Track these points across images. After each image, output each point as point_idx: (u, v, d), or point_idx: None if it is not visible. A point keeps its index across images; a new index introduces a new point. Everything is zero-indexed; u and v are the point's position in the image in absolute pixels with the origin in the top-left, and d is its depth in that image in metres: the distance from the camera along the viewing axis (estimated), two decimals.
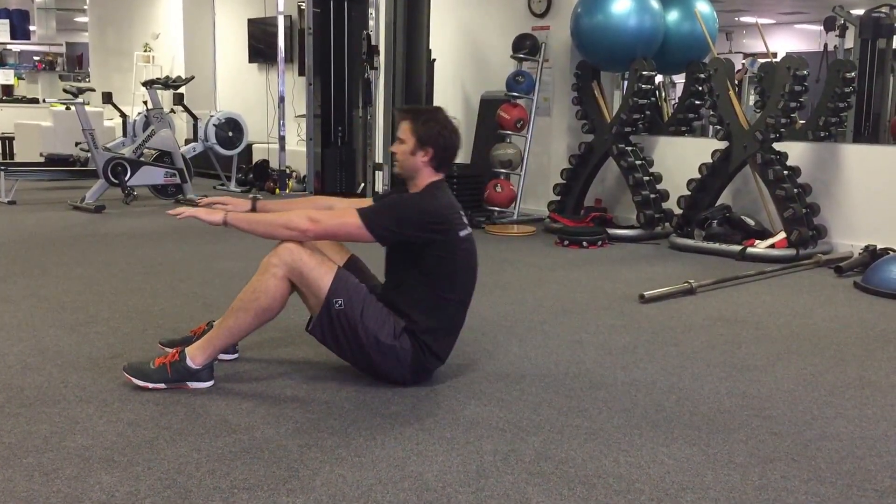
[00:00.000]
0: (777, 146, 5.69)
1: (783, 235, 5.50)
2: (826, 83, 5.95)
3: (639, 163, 6.38)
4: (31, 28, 15.55)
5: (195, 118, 8.76)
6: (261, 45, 9.91)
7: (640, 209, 6.26)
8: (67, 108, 8.82)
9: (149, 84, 8.18)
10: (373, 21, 7.15)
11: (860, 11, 7.20)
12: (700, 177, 5.95)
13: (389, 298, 2.84)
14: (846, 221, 5.69)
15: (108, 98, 9.26)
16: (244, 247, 5.69)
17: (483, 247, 5.86)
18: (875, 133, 7.03)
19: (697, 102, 6.84)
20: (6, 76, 14.69)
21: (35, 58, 16.02)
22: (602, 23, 6.29)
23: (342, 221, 2.72)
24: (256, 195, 3.04)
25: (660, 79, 7.37)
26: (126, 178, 7.47)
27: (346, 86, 7.71)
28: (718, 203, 5.98)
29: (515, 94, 6.89)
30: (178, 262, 5.04)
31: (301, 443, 2.37)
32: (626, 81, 7.00)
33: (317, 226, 2.69)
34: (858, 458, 2.35)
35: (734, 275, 4.82)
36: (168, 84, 8.26)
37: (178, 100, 8.76)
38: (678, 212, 6.09)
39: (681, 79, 7.87)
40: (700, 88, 6.60)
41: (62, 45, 16.19)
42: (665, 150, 6.70)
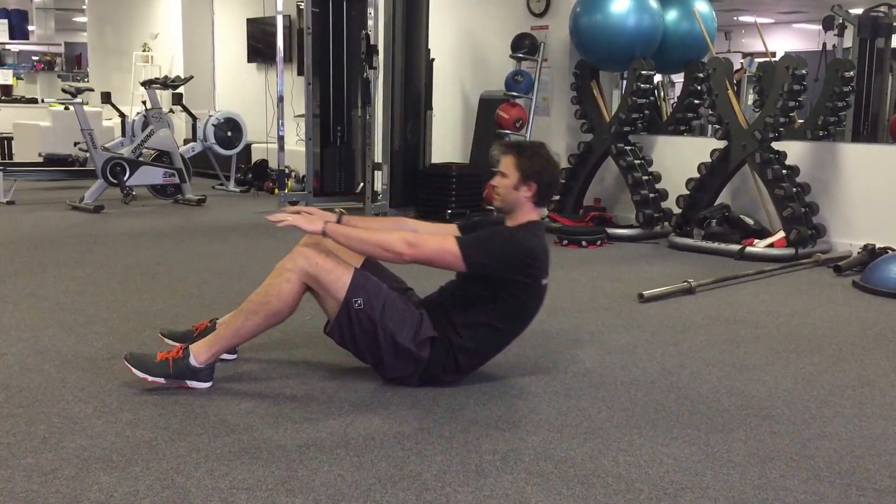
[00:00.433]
0: (776, 145, 5.69)
1: (782, 235, 5.50)
2: (825, 82, 5.95)
3: (638, 162, 6.38)
4: (30, 28, 15.54)
5: (194, 118, 8.75)
6: (260, 45, 9.91)
7: (640, 208, 6.26)
8: (66, 108, 8.81)
9: (148, 84, 8.18)
10: (372, 21, 7.14)
11: (859, 11, 7.19)
12: (699, 176, 5.95)
13: (441, 305, 2.84)
14: (845, 220, 5.69)
15: (107, 98, 9.27)
16: (243, 247, 5.69)
17: None
18: (874, 132, 7.03)
19: (696, 102, 6.84)
20: (5, 76, 14.69)
21: (34, 58, 16.02)
22: (601, 22, 6.28)
23: (441, 249, 2.72)
24: (342, 211, 3.07)
25: (659, 78, 7.37)
26: (125, 178, 7.47)
27: (346, 85, 7.70)
28: (717, 202, 5.98)
29: (514, 94, 6.89)
30: (177, 263, 5.04)
31: (300, 443, 2.36)
32: (625, 81, 7.00)
33: (413, 250, 2.69)
34: (857, 457, 2.35)
35: (733, 274, 4.82)
36: (167, 84, 8.26)
37: (177, 100, 8.75)
38: (677, 211, 6.09)
39: (680, 78, 7.87)
40: (699, 88, 6.60)
41: (61, 45, 16.19)
42: (664, 150, 6.70)
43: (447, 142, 7.97)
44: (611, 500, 2.07)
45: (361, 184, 7.55)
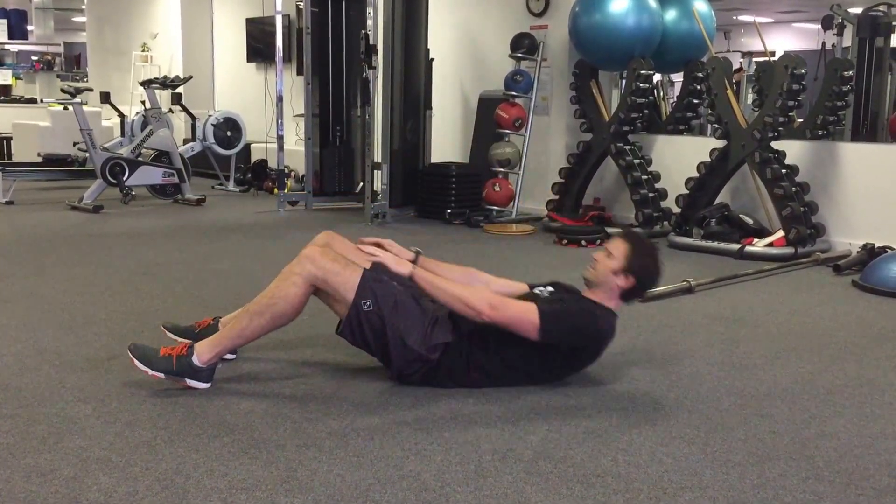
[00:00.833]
0: (775, 145, 5.69)
1: (781, 234, 5.50)
2: (824, 82, 5.95)
3: (637, 162, 6.38)
4: (29, 28, 15.54)
5: (193, 118, 8.75)
6: (259, 45, 9.91)
7: (639, 208, 6.26)
8: (65, 108, 8.82)
9: (147, 84, 8.18)
10: (371, 20, 7.14)
11: (858, 10, 7.20)
12: (698, 175, 5.95)
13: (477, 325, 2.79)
14: (844, 220, 5.69)
15: (106, 98, 9.27)
16: (243, 247, 5.70)
17: (482, 246, 5.90)
18: (873, 131, 7.03)
19: (696, 101, 6.84)
20: (4, 76, 14.68)
21: (33, 58, 16.01)
22: (600, 22, 6.28)
23: (521, 317, 2.72)
24: (419, 250, 3.11)
25: (658, 78, 7.37)
26: (124, 178, 7.47)
27: (345, 85, 7.70)
28: (717, 202, 5.98)
29: (514, 94, 6.89)
30: (176, 262, 5.04)
31: (299, 443, 2.36)
32: (625, 80, 7.00)
33: (494, 312, 2.70)
34: (856, 457, 2.36)
35: (732, 273, 4.82)
36: (166, 84, 8.26)
37: (177, 99, 8.75)
38: (676, 210, 6.08)
39: (679, 78, 7.87)
40: (698, 87, 6.60)
41: (60, 45, 16.19)
42: (663, 149, 6.70)
43: (447, 141, 7.98)
44: (610, 500, 2.07)
45: (361, 183, 7.56)
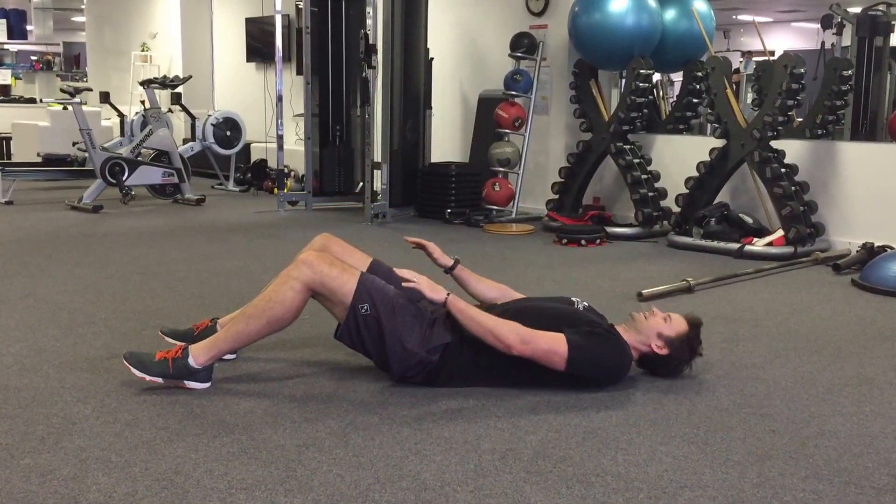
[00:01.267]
0: (775, 144, 5.69)
1: (781, 233, 5.50)
2: (823, 81, 5.95)
3: (637, 161, 6.38)
4: (29, 28, 15.55)
5: (193, 117, 8.75)
6: (259, 45, 9.91)
7: (639, 207, 6.26)
8: (65, 108, 8.82)
9: (146, 83, 8.18)
10: (371, 20, 7.14)
11: (857, 9, 7.20)
12: (698, 175, 5.95)
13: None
14: (844, 219, 5.70)
15: (106, 98, 9.27)
16: (243, 247, 5.69)
17: (482, 246, 5.90)
18: (872, 131, 7.03)
19: (695, 101, 6.83)
20: (3, 76, 14.69)
21: (32, 57, 16.02)
22: (599, 21, 6.28)
23: (550, 350, 2.71)
24: (457, 258, 3.14)
25: (657, 77, 7.37)
26: (124, 178, 7.47)
27: (344, 85, 7.71)
28: (716, 201, 5.98)
29: (513, 93, 6.89)
30: (176, 262, 5.04)
31: (299, 443, 2.36)
32: (624, 80, 7.00)
33: (524, 347, 2.70)
34: (856, 456, 2.36)
35: (732, 273, 4.82)
36: (166, 83, 8.26)
37: (176, 99, 8.75)
38: (676, 210, 6.09)
39: (678, 77, 7.87)
40: (698, 87, 6.60)
41: (59, 45, 16.18)
42: (663, 149, 6.70)
43: (446, 141, 7.98)
44: (610, 499, 2.07)
45: (361, 183, 7.56)
